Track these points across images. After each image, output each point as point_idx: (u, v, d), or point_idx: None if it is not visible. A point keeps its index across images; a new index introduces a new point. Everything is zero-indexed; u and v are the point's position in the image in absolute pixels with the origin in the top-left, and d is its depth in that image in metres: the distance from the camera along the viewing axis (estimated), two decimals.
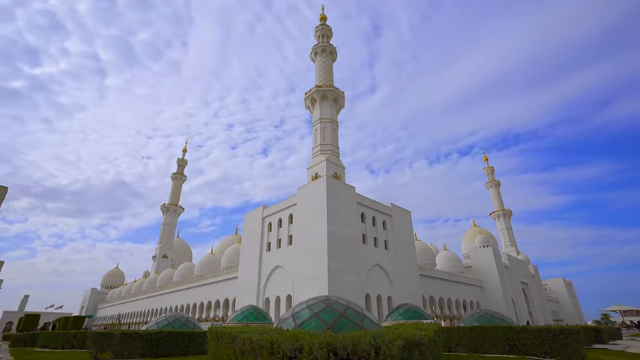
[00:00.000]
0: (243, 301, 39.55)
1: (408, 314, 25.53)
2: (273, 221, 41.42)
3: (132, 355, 16.95)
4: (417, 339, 6.31)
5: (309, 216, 35.08)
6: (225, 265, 56.50)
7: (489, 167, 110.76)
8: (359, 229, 36.97)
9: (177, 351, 17.88)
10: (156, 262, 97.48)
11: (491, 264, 60.24)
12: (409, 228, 46.02)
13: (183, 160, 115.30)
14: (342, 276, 31.87)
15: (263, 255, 40.87)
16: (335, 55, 57.39)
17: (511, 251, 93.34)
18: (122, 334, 17.42)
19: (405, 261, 42.20)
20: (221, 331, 9.09)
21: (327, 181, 34.87)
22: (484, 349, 17.98)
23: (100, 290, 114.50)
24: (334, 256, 31.72)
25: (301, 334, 6.33)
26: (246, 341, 6.84)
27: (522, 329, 17.26)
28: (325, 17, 60.39)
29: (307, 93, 52.39)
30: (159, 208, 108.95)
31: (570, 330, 15.76)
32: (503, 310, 54.50)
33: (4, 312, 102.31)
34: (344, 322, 9.66)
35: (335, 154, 47.25)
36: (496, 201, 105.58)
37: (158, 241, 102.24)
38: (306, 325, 9.72)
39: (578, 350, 15.27)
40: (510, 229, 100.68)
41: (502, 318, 21.10)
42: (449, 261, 62.98)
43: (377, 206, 41.10)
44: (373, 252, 37.93)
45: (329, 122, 48.91)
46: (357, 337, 5.63)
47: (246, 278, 42.02)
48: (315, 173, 44.48)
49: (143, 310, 74.13)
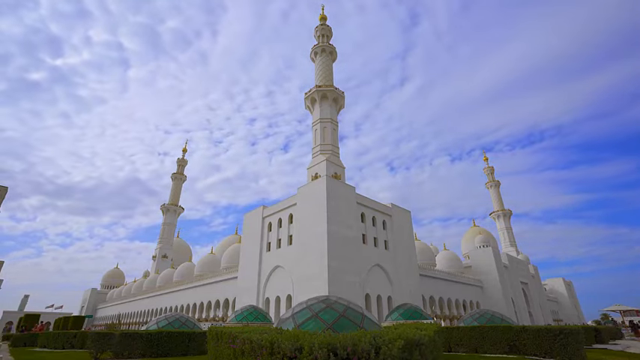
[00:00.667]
0: (243, 301, 39.56)
1: (408, 314, 25.54)
2: (273, 221, 41.44)
3: (132, 355, 16.94)
4: (417, 339, 6.32)
5: (309, 216, 35.10)
6: (225, 265, 56.52)
7: (489, 167, 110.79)
8: (359, 229, 36.98)
9: (178, 351, 17.86)
10: (156, 262, 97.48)
11: (491, 264, 60.27)
12: (409, 228, 46.04)
13: (183, 160, 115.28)
14: (342, 276, 31.88)
15: (263, 255, 40.87)
16: (335, 55, 57.40)
17: (511, 251, 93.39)
18: (122, 334, 17.41)
19: (405, 261, 42.21)
20: (221, 331, 9.09)
21: (327, 181, 34.88)
22: (484, 349, 17.98)
23: (100, 290, 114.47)
24: (334, 256, 31.73)
25: (301, 334, 6.34)
26: (246, 341, 6.84)
27: (522, 329, 17.27)
28: (325, 17, 60.38)
29: (307, 93, 52.40)
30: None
31: (570, 330, 15.75)
32: (503, 310, 54.52)
33: (4, 312, 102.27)
34: (344, 322, 9.66)
35: (335, 154, 47.28)
36: (496, 201, 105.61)
37: (158, 241, 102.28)
38: (306, 325, 9.72)
39: (578, 350, 15.26)
40: (510, 229, 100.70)
41: (502, 318, 21.10)
42: (449, 261, 63.00)
43: (377, 206, 41.11)
44: (373, 252, 37.94)
45: (329, 122, 48.93)
46: (357, 337, 5.64)
47: (246, 278, 42.02)
48: (315, 173, 44.50)
49: (143, 310, 74.12)
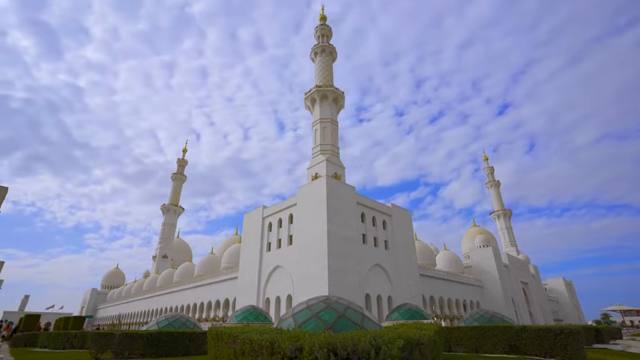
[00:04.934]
0: (243, 301, 39.56)
1: (408, 314, 25.54)
2: (273, 221, 41.44)
3: (132, 355, 16.94)
4: (417, 339, 6.32)
5: (309, 216, 35.10)
6: (225, 265, 56.54)
7: (489, 167, 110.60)
8: (359, 229, 36.98)
9: (178, 351, 17.86)
10: (156, 262, 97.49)
11: (491, 264, 60.25)
12: (409, 228, 46.04)
13: (183, 161, 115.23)
14: (342, 276, 31.88)
15: (263, 255, 40.88)
16: (335, 55, 57.40)
17: (511, 251, 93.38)
18: (122, 334, 17.42)
19: (405, 261, 42.21)
20: (221, 331, 9.09)
21: (327, 181, 34.89)
22: (484, 349, 17.98)
23: (100, 290, 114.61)
24: (334, 256, 31.73)
25: (301, 334, 6.34)
26: (246, 341, 6.84)
27: (522, 329, 17.27)
28: (325, 17, 60.39)
29: (307, 93, 52.41)
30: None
31: (570, 330, 15.75)
32: (503, 310, 54.51)
33: (4, 312, 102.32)
34: (344, 322, 9.67)
35: (335, 154, 47.29)
36: (496, 201, 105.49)
37: (158, 241, 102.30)
38: (307, 325, 9.73)
39: (579, 350, 15.26)
40: (510, 228, 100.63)
41: (502, 318, 21.12)
42: (449, 261, 62.97)
43: (377, 206, 41.13)
44: (373, 252, 37.94)
45: (329, 122, 48.93)
46: (357, 337, 5.64)
47: (246, 278, 42.02)
48: (315, 173, 44.51)
49: (143, 311, 74.13)
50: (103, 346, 17.99)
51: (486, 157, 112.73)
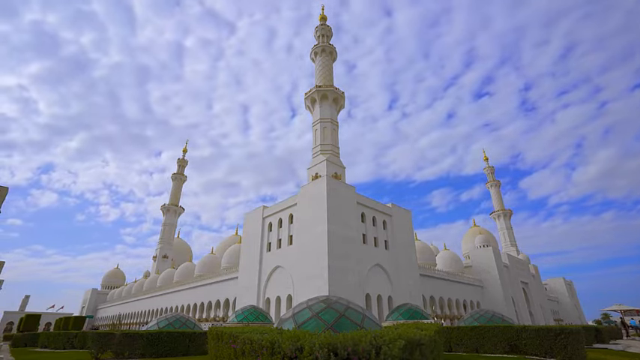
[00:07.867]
0: (243, 301, 39.56)
1: (408, 314, 25.53)
2: (273, 221, 41.44)
3: (132, 355, 16.96)
4: (417, 339, 6.32)
5: (310, 216, 35.10)
6: (225, 265, 56.53)
7: (489, 167, 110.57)
8: (359, 229, 36.98)
9: (178, 351, 17.88)
10: (156, 262, 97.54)
11: (491, 264, 60.23)
12: (409, 228, 46.02)
13: (183, 161, 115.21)
14: (343, 276, 31.89)
15: (263, 255, 40.88)
16: (335, 55, 57.40)
17: (511, 251, 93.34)
18: (123, 334, 17.44)
19: (405, 261, 42.20)
20: (221, 331, 9.09)
21: (328, 181, 34.89)
22: (484, 349, 17.97)
23: (101, 290, 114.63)
24: (334, 256, 31.74)
25: (302, 334, 6.34)
26: (246, 341, 6.84)
27: (522, 329, 17.26)
28: (325, 17, 60.38)
29: (307, 93, 52.41)
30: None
31: (570, 330, 15.74)
32: (503, 310, 54.48)
33: (5, 312, 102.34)
34: (344, 322, 9.67)
35: (335, 154, 47.29)
36: (496, 201, 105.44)
37: (158, 241, 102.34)
38: (307, 325, 9.73)
39: (579, 350, 15.25)
40: (511, 228, 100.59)
41: (502, 318, 21.10)
42: (449, 261, 62.97)
43: (377, 206, 41.13)
44: (373, 252, 37.94)
45: (329, 122, 48.93)
46: (357, 337, 5.64)
47: (246, 278, 42.02)
48: (315, 173, 44.51)
49: (143, 311, 74.15)
50: (103, 346, 18.00)
51: (486, 157, 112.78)
